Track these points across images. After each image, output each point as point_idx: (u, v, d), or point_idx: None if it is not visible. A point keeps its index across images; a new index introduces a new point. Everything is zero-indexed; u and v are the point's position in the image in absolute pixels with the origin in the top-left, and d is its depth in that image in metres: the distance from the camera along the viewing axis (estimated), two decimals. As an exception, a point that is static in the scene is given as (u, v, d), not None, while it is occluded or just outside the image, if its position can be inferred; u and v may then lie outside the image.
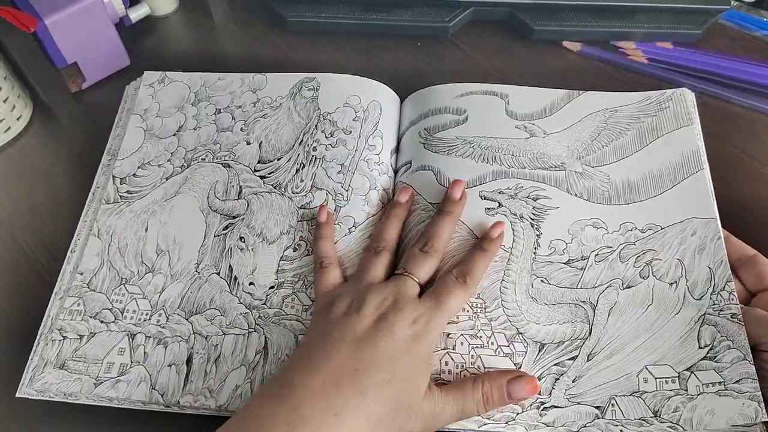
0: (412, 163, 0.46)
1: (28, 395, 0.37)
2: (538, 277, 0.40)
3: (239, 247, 0.42)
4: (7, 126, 0.51)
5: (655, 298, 0.39)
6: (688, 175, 0.43)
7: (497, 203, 0.43)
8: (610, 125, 0.46)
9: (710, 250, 0.40)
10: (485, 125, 0.47)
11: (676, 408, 0.35)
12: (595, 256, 0.40)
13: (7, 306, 0.43)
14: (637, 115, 0.46)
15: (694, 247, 0.40)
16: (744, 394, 0.34)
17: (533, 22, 0.57)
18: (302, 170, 0.45)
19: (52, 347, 0.39)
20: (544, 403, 0.36)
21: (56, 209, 0.48)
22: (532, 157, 0.45)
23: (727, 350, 0.36)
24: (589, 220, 0.42)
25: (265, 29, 0.60)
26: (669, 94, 0.47)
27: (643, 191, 0.43)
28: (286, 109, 0.48)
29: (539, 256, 0.41)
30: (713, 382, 0.35)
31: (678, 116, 0.46)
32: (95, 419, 0.38)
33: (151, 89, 0.50)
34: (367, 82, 0.50)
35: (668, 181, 0.43)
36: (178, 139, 0.48)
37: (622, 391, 0.36)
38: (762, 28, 0.59)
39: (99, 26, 0.52)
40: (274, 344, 0.39)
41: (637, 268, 0.40)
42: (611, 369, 0.37)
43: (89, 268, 0.42)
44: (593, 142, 0.45)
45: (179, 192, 0.45)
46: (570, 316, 0.39)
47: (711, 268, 0.39)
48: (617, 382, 0.36)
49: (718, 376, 0.35)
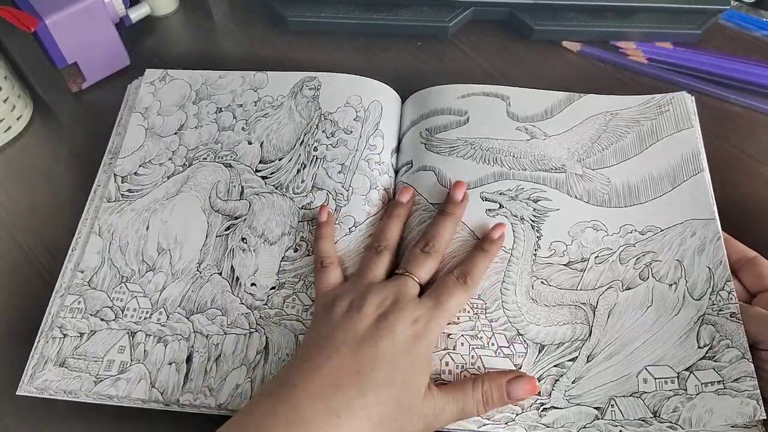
0: (413, 163, 0.46)
1: (28, 393, 0.37)
2: (539, 279, 0.40)
3: (241, 248, 0.42)
4: (7, 126, 0.51)
5: (654, 300, 0.39)
6: (687, 177, 0.43)
7: (498, 204, 0.43)
8: (611, 128, 0.46)
9: (710, 251, 0.40)
10: (486, 126, 0.47)
11: (675, 408, 0.35)
12: (595, 258, 0.40)
13: (7, 306, 0.43)
14: (637, 118, 0.46)
15: (694, 248, 0.40)
16: (743, 393, 0.34)
17: (533, 22, 0.57)
18: (303, 171, 0.45)
19: (52, 345, 0.39)
20: (543, 404, 0.36)
21: (56, 209, 0.48)
22: (532, 158, 0.45)
23: (726, 349, 0.36)
24: (590, 222, 0.42)
25: (265, 29, 0.60)
26: (669, 98, 0.47)
27: (642, 194, 0.43)
28: (287, 108, 0.48)
29: (539, 257, 0.41)
30: (712, 381, 0.35)
31: (678, 119, 0.46)
32: (95, 418, 0.38)
33: (152, 87, 0.50)
34: (368, 81, 0.50)
35: (668, 183, 0.43)
36: (179, 138, 0.48)
37: (621, 392, 0.36)
38: (762, 28, 0.59)
39: (99, 26, 0.52)
40: (275, 344, 0.39)
41: (637, 270, 0.40)
42: (611, 370, 0.37)
43: (90, 266, 0.42)
44: (593, 145, 0.45)
45: (181, 191, 0.45)
46: (570, 318, 0.39)
47: (710, 269, 0.39)
48: (617, 383, 0.36)
49: (717, 375, 0.35)
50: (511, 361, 0.37)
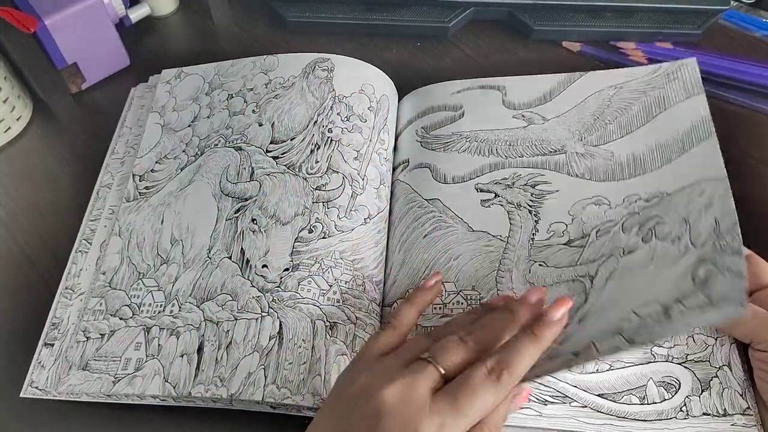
0: (409, 162, 0.46)
1: (53, 397, 0.37)
2: (536, 262, 0.39)
3: (251, 229, 0.41)
4: (7, 126, 0.51)
5: (656, 257, 0.36)
6: (697, 143, 0.40)
7: (493, 194, 0.42)
8: (615, 102, 0.45)
9: (717, 206, 0.35)
10: (482, 118, 0.47)
11: (653, 330, 0.31)
12: (596, 233, 0.39)
13: (7, 306, 0.43)
14: (643, 89, 0.45)
15: (701, 206, 0.36)
16: (729, 302, 0.29)
17: (533, 22, 0.57)
18: (317, 151, 0.44)
19: (76, 349, 0.38)
20: None
21: (56, 209, 0.48)
22: (529, 144, 0.45)
23: (720, 279, 0.31)
24: (591, 198, 0.41)
25: (265, 29, 0.60)
26: (678, 65, 0.44)
27: (649, 163, 0.41)
28: (298, 88, 0.47)
29: (537, 241, 0.40)
30: (700, 305, 0.31)
31: (688, 86, 0.43)
32: (95, 417, 0.39)
33: (168, 86, 0.50)
34: (379, 72, 0.49)
35: (677, 150, 0.41)
36: (192, 130, 0.47)
37: (603, 335, 0.32)
38: (761, 29, 0.59)
39: (99, 26, 0.52)
40: (290, 329, 0.37)
41: (640, 235, 0.38)
42: (601, 322, 0.35)
43: (111, 267, 0.42)
44: (596, 121, 0.44)
45: (193, 180, 0.45)
46: (567, 293, 0.38)
47: (716, 219, 0.35)
48: (600, 331, 0.33)
49: (705, 299, 0.31)
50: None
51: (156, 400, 0.37)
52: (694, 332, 0.37)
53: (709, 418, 0.35)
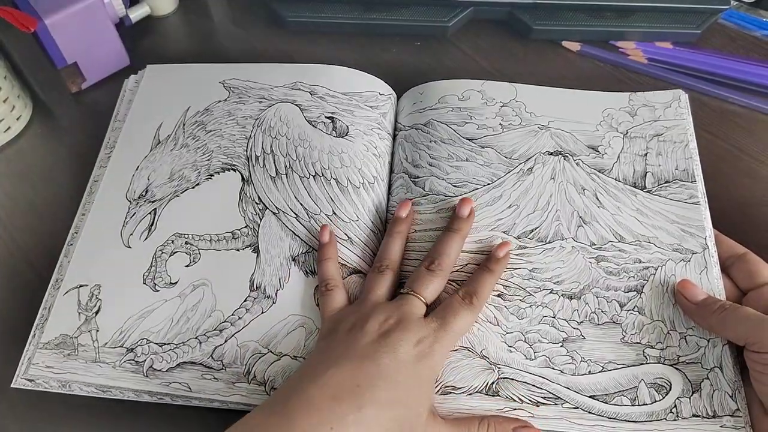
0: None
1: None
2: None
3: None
4: (7, 126, 0.51)
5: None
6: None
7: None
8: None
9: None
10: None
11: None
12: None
13: (6, 306, 0.43)
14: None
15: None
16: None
17: (532, 21, 0.57)
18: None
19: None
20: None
21: (55, 209, 0.48)
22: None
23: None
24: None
25: (265, 29, 0.60)
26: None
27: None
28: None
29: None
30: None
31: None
32: (95, 416, 0.39)
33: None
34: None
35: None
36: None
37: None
38: (761, 28, 0.59)
39: (99, 26, 0.52)
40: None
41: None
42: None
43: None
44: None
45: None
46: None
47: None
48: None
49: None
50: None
51: (147, 396, 0.37)
52: (687, 334, 0.38)
53: (698, 420, 0.35)
